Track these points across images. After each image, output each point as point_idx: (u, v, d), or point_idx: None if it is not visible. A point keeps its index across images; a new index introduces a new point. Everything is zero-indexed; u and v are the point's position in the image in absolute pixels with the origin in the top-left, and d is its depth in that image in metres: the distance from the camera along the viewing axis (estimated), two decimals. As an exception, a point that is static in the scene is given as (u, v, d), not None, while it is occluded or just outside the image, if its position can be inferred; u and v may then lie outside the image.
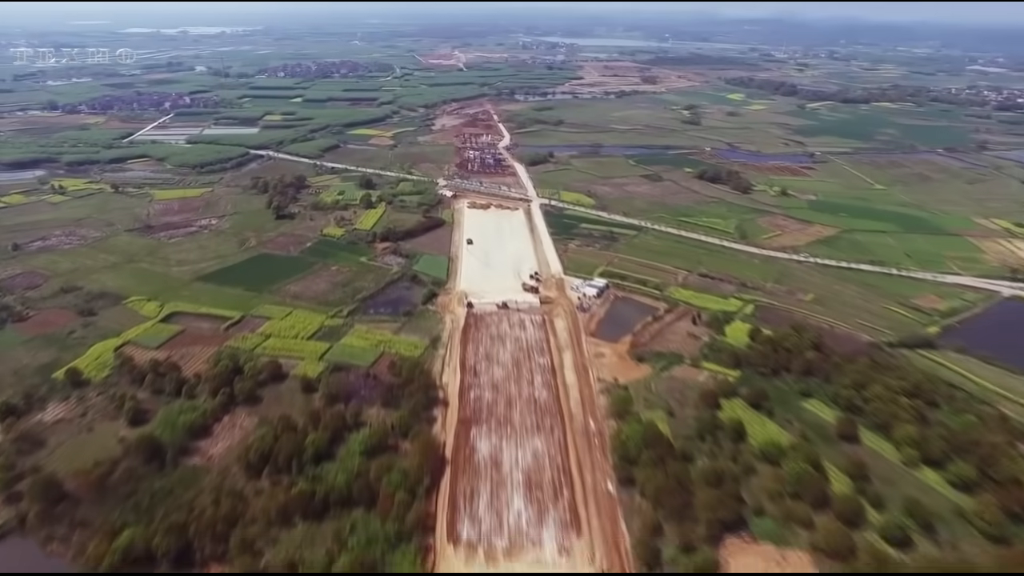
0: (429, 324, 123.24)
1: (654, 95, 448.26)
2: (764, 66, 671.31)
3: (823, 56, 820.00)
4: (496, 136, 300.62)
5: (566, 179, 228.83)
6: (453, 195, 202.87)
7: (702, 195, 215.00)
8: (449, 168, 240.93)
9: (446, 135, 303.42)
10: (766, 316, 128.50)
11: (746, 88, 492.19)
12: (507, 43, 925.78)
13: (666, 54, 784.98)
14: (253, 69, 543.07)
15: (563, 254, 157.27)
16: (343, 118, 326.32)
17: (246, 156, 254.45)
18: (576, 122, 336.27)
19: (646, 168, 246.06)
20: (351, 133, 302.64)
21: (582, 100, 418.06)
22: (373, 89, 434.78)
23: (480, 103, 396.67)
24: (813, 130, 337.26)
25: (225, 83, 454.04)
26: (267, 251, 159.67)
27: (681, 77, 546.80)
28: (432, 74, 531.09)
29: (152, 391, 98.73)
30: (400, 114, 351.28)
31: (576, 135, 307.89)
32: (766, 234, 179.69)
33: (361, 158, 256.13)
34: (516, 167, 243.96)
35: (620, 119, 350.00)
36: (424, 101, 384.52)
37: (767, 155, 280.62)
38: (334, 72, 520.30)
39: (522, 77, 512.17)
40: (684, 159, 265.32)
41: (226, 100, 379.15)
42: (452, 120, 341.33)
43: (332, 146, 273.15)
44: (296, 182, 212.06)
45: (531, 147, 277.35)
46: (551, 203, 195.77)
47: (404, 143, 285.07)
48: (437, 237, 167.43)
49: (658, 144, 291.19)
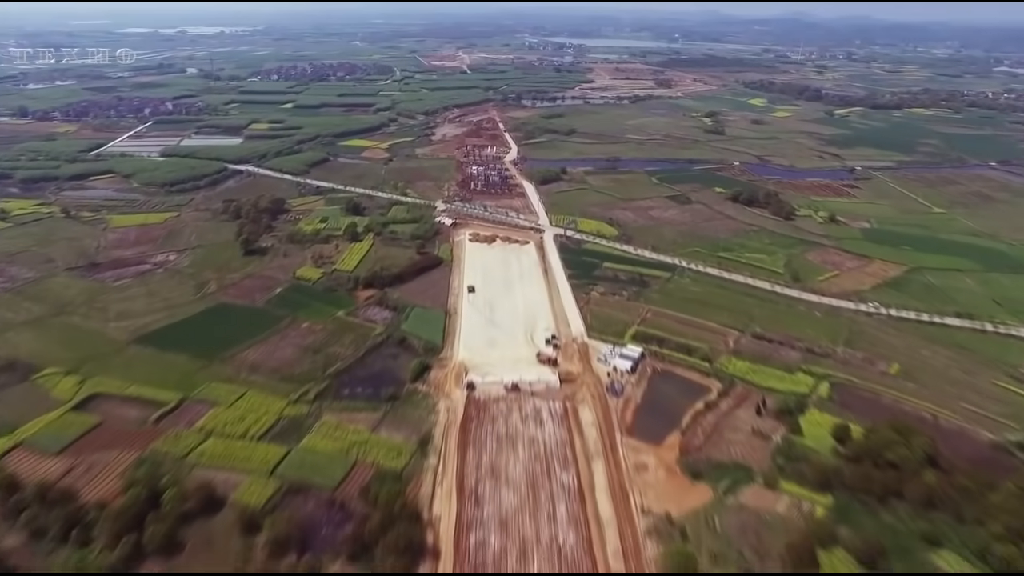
0: (418, 414, 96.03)
1: (670, 100, 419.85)
2: (781, 68, 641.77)
3: (841, 57, 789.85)
4: (502, 148, 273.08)
5: (582, 201, 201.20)
6: (453, 223, 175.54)
7: (739, 222, 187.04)
8: (449, 187, 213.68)
9: (447, 147, 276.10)
10: (847, 400, 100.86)
11: (767, 92, 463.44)
12: (513, 44, 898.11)
13: (678, 55, 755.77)
14: (246, 71, 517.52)
15: (585, 305, 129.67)
16: (335, 127, 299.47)
17: (223, 172, 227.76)
18: (589, 131, 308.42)
19: (671, 188, 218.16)
20: (343, 144, 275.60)
21: (594, 106, 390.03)
22: (370, 94, 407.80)
23: (485, 109, 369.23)
24: (847, 140, 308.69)
25: (214, 87, 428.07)
26: (227, 299, 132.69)
27: (697, 80, 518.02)
28: (434, 77, 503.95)
29: (29, 534, 71.83)
30: (398, 122, 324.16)
31: (590, 146, 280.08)
32: (821, 274, 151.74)
33: (351, 175, 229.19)
34: (525, 186, 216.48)
35: (637, 128, 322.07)
36: (424, 107, 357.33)
37: (803, 171, 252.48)
38: (330, 75, 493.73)
39: (529, 80, 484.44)
40: (712, 176, 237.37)
41: (212, 106, 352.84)
42: (454, 129, 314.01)
43: (320, 160, 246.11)
44: (273, 206, 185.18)
45: (541, 161, 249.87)
46: (567, 234, 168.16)
47: (400, 156, 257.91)
48: (432, 282, 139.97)
49: (681, 158, 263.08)
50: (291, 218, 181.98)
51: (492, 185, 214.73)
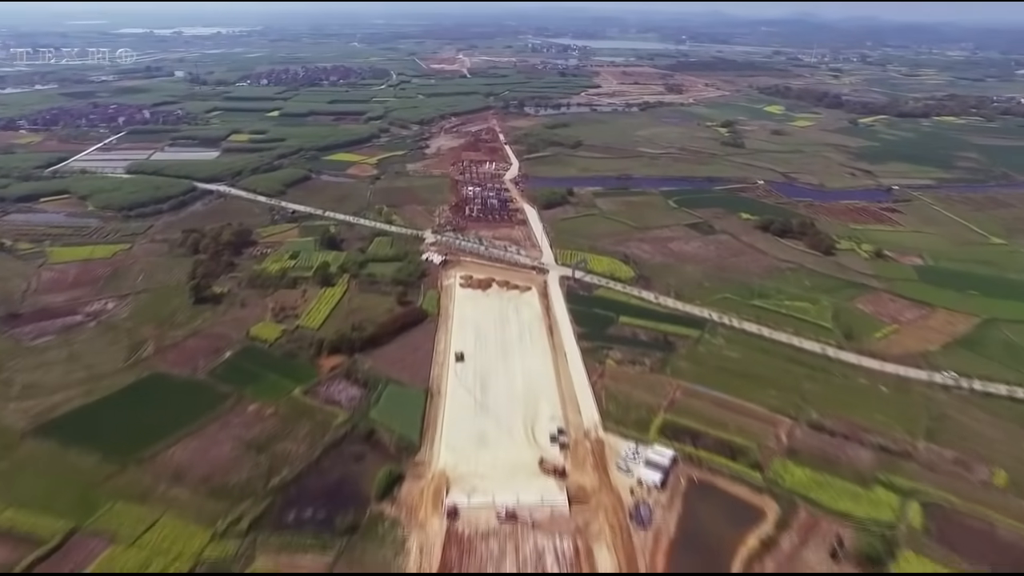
0: (382, 555, 72.33)
1: (682, 107, 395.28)
2: (795, 72, 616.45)
3: (855, 60, 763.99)
4: (502, 163, 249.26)
5: (591, 231, 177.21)
6: (443, 260, 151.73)
7: (772, 258, 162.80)
8: (441, 213, 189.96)
9: (442, 162, 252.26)
10: (949, 532, 76.71)
11: (783, 99, 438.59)
12: (515, 45, 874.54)
13: (686, 58, 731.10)
14: (237, 75, 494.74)
15: (599, 380, 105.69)
16: (321, 139, 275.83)
17: (191, 193, 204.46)
18: (597, 144, 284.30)
19: (691, 213, 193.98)
20: (327, 159, 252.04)
21: (601, 114, 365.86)
22: (363, 100, 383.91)
23: (485, 117, 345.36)
24: (877, 154, 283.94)
25: (199, 92, 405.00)
26: (164, 367, 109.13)
27: (708, 85, 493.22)
28: (432, 81, 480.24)
29: None
30: (390, 132, 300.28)
31: (598, 162, 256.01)
32: (878, 330, 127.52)
33: (333, 196, 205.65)
34: (527, 211, 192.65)
35: (648, 139, 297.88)
36: (419, 115, 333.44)
37: (835, 191, 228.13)
38: (323, 79, 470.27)
39: (532, 85, 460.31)
40: (735, 198, 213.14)
41: (192, 114, 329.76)
42: (450, 141, 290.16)
43: (300, 179, 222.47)
44: (238, 238, 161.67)
45: (545, 180, 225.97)
46: (575, 276, 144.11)
47: (389, 173, 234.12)
48: (413, 345, 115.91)
49: (699, 175, 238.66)
50: (257, 253, 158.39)
51: (490, 210, 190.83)
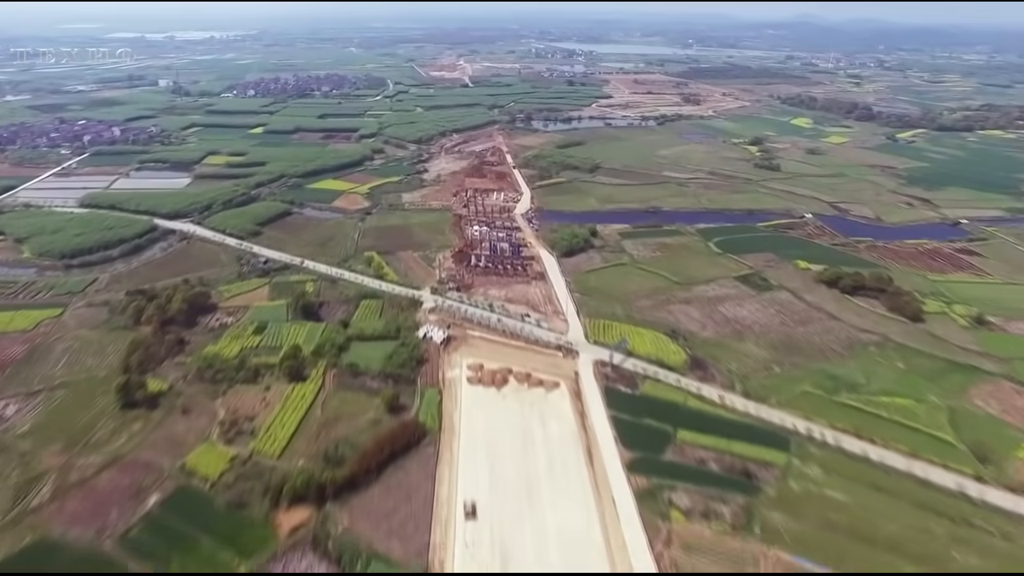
0: None
1: (702, 121, 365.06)
2: (813, 79, 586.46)
3: (872, 65, 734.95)
4: (511, 193, 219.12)
5: (624, 288, 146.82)
6: (445, 337, 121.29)
7: (848, 325, 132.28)
8: (442, 262, 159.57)
9: (442, 191, 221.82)
10: None
11: (809, 110, 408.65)
12: (518, 50, 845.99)
13: (697, 64, 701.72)
14: (223, 84, 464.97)
15: (664, 551, 75.07)
16: (306, 162, 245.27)
17: (149, 235, 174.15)
18: (616, 167, 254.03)
19: (737, 260, 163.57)
20: (312, 187, 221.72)
21: (617, 129, 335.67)
22: (356, 115, 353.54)
23: (489, 134, 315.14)
24: (930, 177, 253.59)
25: (179, 105, 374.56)
26: (59, 527, 78.40)
27: (726, 95, 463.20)
28: (431, 91, 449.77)
29: None
30: (384, 153, 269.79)
31: (621, 190, 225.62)
32: (1018, 446, 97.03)
33: (314, 238, 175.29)
34: (543, 258, 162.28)
35: (673, 161, 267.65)
36: (417, 132, 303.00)
37: (896, 227, 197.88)
38: (314, 90, 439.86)
39: (539, 95, 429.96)
40: (784, 238, 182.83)
41: (167, 131, 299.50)
42: (452, 163, 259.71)
43: (279, 214, 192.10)
44: (193, 303, 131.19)
45: (561, 215, 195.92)
46: (612, 362, 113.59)
47: (382, 207, 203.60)
48: (407, 487, 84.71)
49: (737, 208, 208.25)
50: (216, 323, 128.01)
51: (500, 258, 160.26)
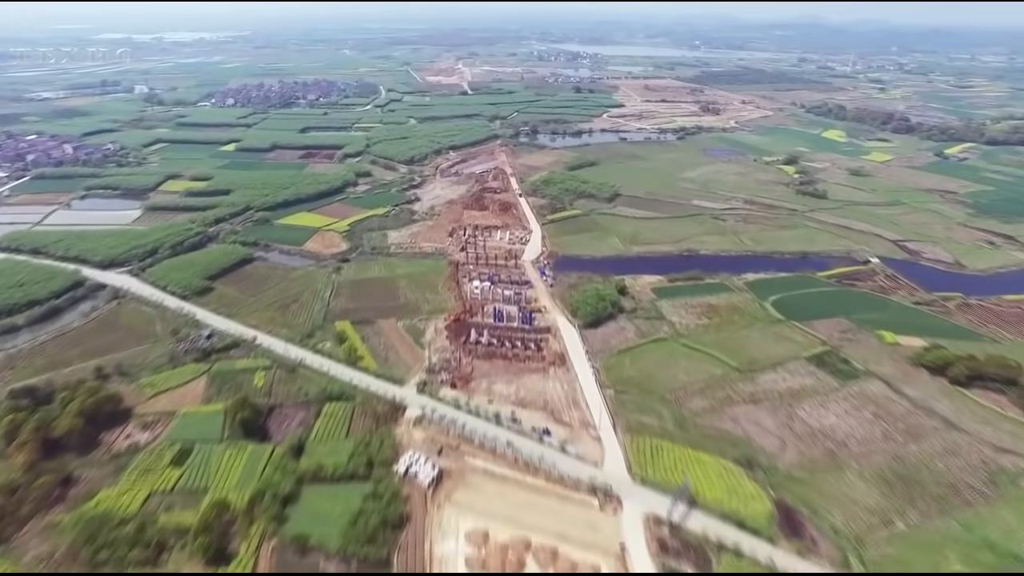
0: None
1: (725, 134, 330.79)
2: (834, 84, 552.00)
3: (891, 68, 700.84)
4: (518, 230, 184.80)
5: (670, 378, 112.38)
6: (435, 476, 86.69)
7: (976, 440, 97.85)
8: (434, 336, 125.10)
9: (437, 227, 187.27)
10: None
11: (838, 120, 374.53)
12: (520, 52, 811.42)
13: (708, 67, 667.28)
14: (203, 91, 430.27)
15: None
16: (278, 190, 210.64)
17: (72, 293, 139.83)
18: (638, 194, 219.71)
19: (805, 330, 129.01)
20: (282, 223, 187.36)
21: (633, 145, 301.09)
22: (342, 128, 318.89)
23: (491, 151, 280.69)
24: (1001, 205, 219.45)
25: (148, 116, 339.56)
26: None
27: (746, 102, 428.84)
28: (427, 99, 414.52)
29: None
30: (370, 177, 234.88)
31: (647, 225, 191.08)
32: None
33: (275, 298, 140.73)
34: (562, 330, 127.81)
35: (702, 185, 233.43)
36: (409, 150, 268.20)
37: (983, 274, 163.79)
38: (300, 98, 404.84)
39: (545, 104, 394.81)
40: (854, 295, 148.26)
41: (128, 149, 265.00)
42: (448, 189, 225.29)
43: (236, 263, 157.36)
44: (98, 411, 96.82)
45: (581, 262, 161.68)
46: (671, 519, 79.26)
47: (363, 251, 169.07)
48: None
49: (788, 250, 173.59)
50: (123, 443, 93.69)
51: (507, 331, 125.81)
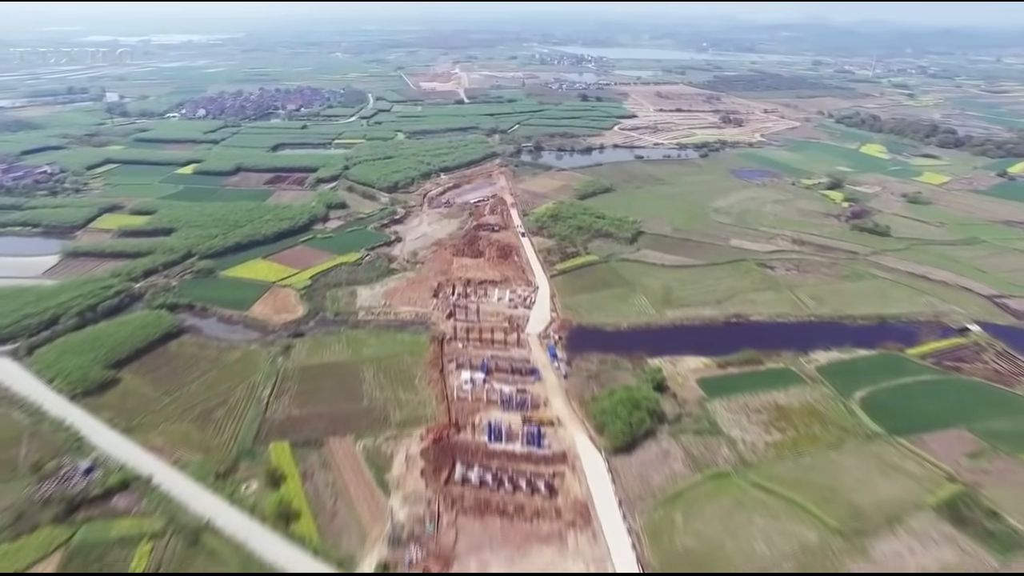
0: None
1: (752, 150, 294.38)
2: (858, 90, 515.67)
3: (913, 72, 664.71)
4: (520, 285, 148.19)
5: (738, 543, 75.56)
6: None
7: None
8: (405, 468, 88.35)
9: (419, 282, 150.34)
10: None
11: (874, 132, 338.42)
12: (520, 56, 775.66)
13: (720, 71, 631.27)
14: (176, 99, 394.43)
15: None
16: (231, 228, 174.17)
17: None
18: (665, 231, 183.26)
19: (913, 448, 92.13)
20: (228, 275, 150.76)
21: (651, 164, 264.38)
22: (320, 144, 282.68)
23: (489, 174, 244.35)
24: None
25: (105, 130, 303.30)
26: None
27: (769, 112, 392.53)
28: (419, 109, 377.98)
29: None
30: (345, 209, 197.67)
31: (680, 276, 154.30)
32: None
33: (196, 398, 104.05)
34: (583, 459, 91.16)
35: (737, 217, 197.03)
36: (393, 173, 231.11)
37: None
38: (279, 108, 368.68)
39: (549, 115, 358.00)
40: (964, 387, 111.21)
41: (68, 171, 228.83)
42: (435, 224, 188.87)
43: (158, 339, 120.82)
44: None
45: (602, 335, 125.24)
46: None
47: (323, 319, 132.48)
48: None
49: (859, 314, 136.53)
50: None
51: (506, 465, 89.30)
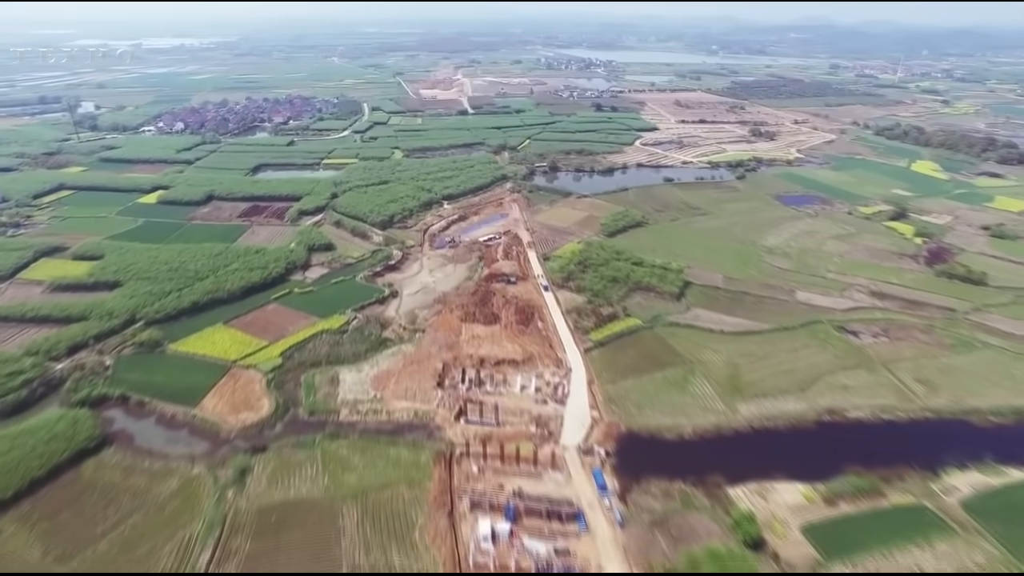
0: None
1: (791, 169, 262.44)
2: (889, 96, 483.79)
3: (939, 75, 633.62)
4: (548, 364, 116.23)
5: None
6: None
7: None
8: None
9: (418, 364, 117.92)
10: None
11: (919, 145, 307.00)
12: (525, 59, 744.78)
13: (737, 75, 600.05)
14: (155, 110, 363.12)
15: None
16: (190, 281, 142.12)
17: None
18: (714, 280, 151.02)
19: None
20: (177, 349, 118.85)
21: (682, 187, 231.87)
22: (307, 164, 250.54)
23: (499, 201, 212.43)
24: None
25: (66, 148, 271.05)
26: None
27: (800, 122, 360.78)
28: (419, 122, 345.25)
29: None
30: (330, 253, 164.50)
31: (743, 346, 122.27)
32: None
33: (100, 566, 72.37)
34: None
35: (797, 261, 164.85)
36: (389, 203, 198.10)
37: None
38: (266, 120, 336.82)
39: (562, 128, 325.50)
40: None
41: (10, 201, 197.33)
42: (439, 272, 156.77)
43: (66, 461, 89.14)
44: None
45: (657, 438, 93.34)
46: None
47: (293, 422, 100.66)
48: None
49: (988, 405, 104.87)
50: None
51: None
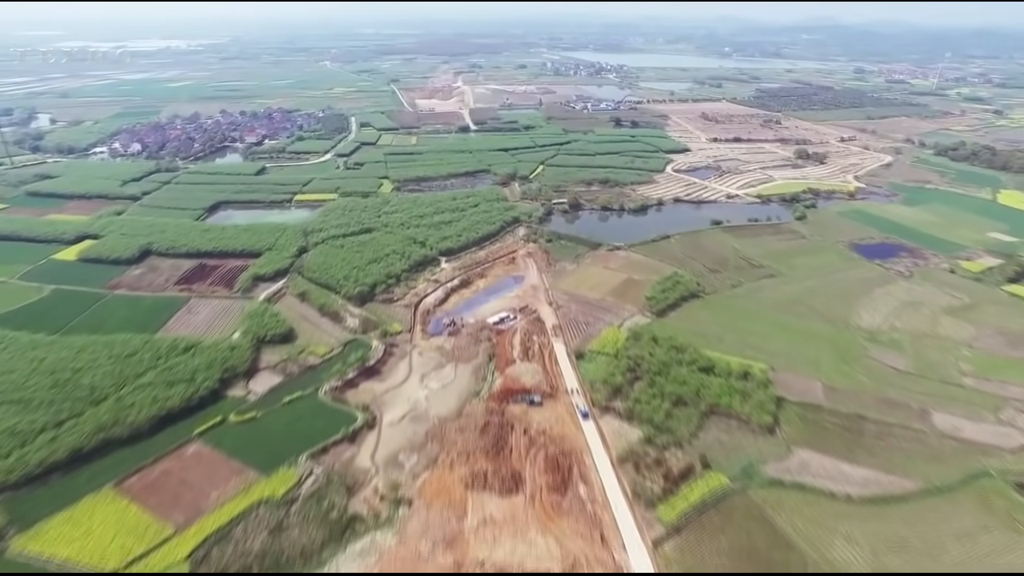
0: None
1: (857, 204, 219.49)
2: (932, 106, 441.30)
3: (975, 81, 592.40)
4: (598, 567, 74.23)
5: None
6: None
7: None
8: None
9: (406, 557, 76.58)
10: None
11: (996, 170, 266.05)
12: (530, 64, 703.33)
13: (759, 81, 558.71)
14: (115, 126, 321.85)
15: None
16: (76, 409, 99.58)
17: None
18: (810, 392, 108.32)
19: None
20: (24, 548, 76.36)
21: (734, 231, 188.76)
22: (277, 200, 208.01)
23: (511, 257, 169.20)
24: None
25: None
26: None
27: (847, 139, 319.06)
28: (413, 142, 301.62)
29: None
30: (287, 347, 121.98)
31: (879, 527, 79.12)
32: None
33: None
34: None
35: (912, 355, 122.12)
36: (371, 265, 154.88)
37: None
38: (237, 139, 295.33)
39: (578, 150, 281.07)
40: None
41: None
42: (434, 384, 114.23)
43: None
44: None
45: None
46: None
47: None
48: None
49: None
50: None
51: None
